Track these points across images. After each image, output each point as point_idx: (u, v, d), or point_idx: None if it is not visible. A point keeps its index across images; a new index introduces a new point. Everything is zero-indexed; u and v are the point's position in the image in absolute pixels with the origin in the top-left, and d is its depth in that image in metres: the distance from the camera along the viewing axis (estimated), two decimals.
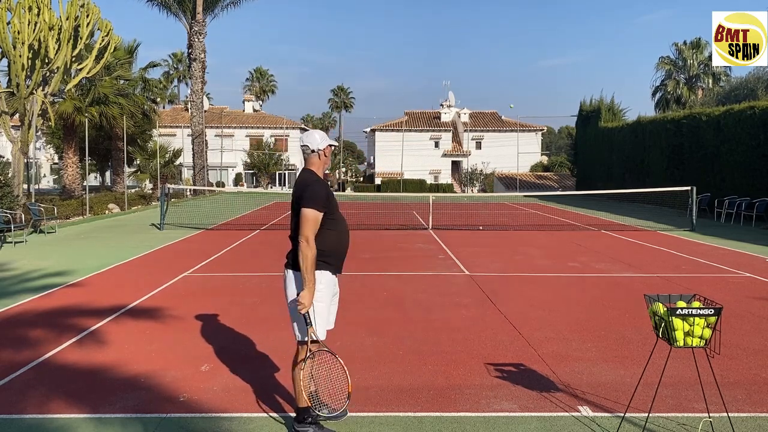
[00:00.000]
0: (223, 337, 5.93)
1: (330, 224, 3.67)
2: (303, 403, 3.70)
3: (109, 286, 8.42)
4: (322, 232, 3.61)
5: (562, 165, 50.92)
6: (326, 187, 3.70)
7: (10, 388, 4.55)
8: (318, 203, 3.55)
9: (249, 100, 58.82)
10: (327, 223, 3.65)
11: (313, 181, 3.65)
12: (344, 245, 3.79)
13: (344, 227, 3.80)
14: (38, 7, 16.42)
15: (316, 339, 3.62)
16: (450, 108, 55.03)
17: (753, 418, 4.01)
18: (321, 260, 3.61)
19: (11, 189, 15.91)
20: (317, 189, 3.59)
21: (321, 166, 3.75)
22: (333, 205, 3.69)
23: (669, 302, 3.50)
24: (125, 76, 28.44)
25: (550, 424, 3.93)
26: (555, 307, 7.19)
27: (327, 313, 3.76)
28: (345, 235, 3.79)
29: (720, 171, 20.80)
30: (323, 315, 3.70)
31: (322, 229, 3.61)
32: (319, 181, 3.67)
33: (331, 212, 3.67)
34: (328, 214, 3.64)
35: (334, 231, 3.69)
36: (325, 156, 3.75)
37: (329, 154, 3.79)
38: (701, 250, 12.09)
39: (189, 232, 15.30)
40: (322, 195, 3.58)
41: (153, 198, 27.35)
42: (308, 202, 3.53)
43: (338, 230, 3.72)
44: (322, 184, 3.66)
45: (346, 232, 3.82)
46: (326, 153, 3.76)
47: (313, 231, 3.53)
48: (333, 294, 3.81)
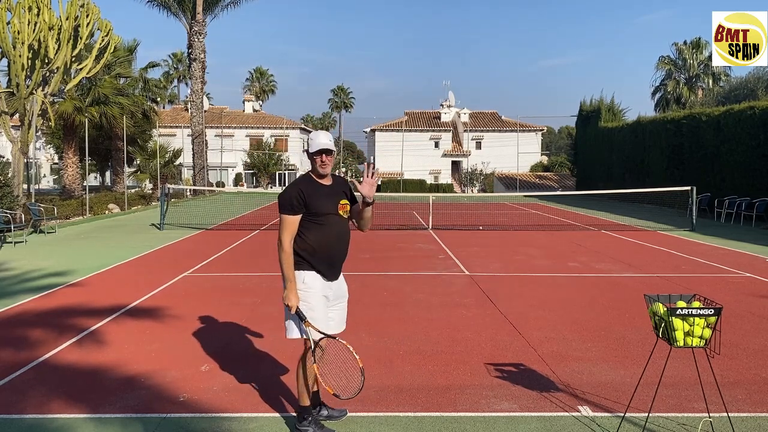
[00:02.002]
0: (223, 337, 5.93)
1: (310, 226, 3.63)
2: (304, 402, 3.72)
3: (109, 286, 8.42)
4: (302, 234, 3.62)
5: (562, 165, 50.89)
6: (299, 189, 3.60)
7: (10, 388, 4.55)
8: (284, 207, 3.59)
9: (249, 100, 58.79)
10: (307, 224, 3.63)
11: (290, 184, 3.72)
12: (329, 248, 3.66)
13: (333, 230, 3.66)
14: (38, 7, 16.42)
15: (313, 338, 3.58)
16: (450, 108, 55.01)
17: (753, 418, 4.00)
18: (302, 260, 3.62)
19: (11, 189, 15.91)
20: (285, 192, 3.63)
21: (317, 168, 3.66)
22: (316, 207, 3.60)
23: (669, 302, 3.50)
24: (125, 75, 28.44)
25: (550, 424, 3.93)
26: (555, 307, 7.19)
27: (318, 314, 3.66)
28: (330, 238, 3.65)
29: (720, 171, 20.80)
30: (311, 315, 3.62)
31: (302, 230, 3.62)
32: (296, 184, 3.66)
33: (314, 214, 3.60)
34: (310, 215, 3.61)
35: (316, 233, 3.62)
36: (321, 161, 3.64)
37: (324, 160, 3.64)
38: (701, 250, 12.09)
39: (189, 232, 15.29)
40: (287, 198, 3.58)
41: (153, 198, 27.34)
42: (279, 206, 3.63)
43: (321, 233, 3.63)
44: (295, 187, 3.63)
45: (335, 235, 3.67)
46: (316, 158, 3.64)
47: (285, 233, 3.58)
48: (326, 297, 3.71)
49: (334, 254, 3.70)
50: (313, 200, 3.60)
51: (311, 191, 3.62)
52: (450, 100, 55.66)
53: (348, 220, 3.80)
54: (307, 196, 3.59)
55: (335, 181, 3.79)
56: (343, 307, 3.88)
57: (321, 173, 3.68)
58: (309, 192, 3.61)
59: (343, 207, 3.73)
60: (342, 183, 3.83)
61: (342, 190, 3.77)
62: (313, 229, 3.63)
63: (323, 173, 3.68)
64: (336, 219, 3.68)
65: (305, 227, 3.63)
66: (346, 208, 3.75)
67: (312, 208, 3.60)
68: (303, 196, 3.59)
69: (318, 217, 3.62)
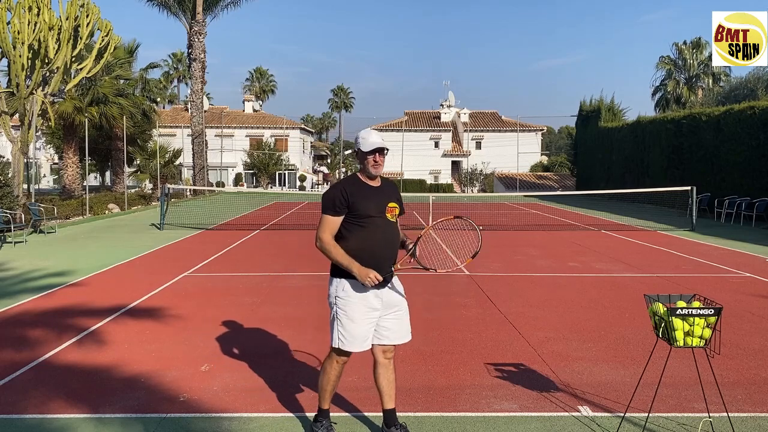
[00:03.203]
0: (223, 337, 5.92)
1: (353, 228, 3.44)
2: (323, 404, 3.68)
3: (109, 286, 8.42)
4: (345, 236, 3.45)
5: (562, 165, 50.91)
6: (342, 189, 3.44)
7: (10, 388, 4.55)
8: (326, 207, 3.44)
9: (249, 100, 58.78)
10: (349, 226, 3.45)
11: (334, 184, 3.58)
12: (373, 253, 3.41)
13: (377, 233, 3.44)
14: (38, 7, 16.42)
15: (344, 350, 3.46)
16: (450, 108, 55.04)
17: (753, 418, 4.00)
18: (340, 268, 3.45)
19: (11, 189, 15.91)
20: (328, 192, 3.48)
21: (368, 168, 3.48)
22: (360, 208, 3.41)
23: (669, 302, 3.50)
24: (125, 75, 28.44)
25: (550, 424, 3.93)
26: (555, 307, 7.19)
27: (358, 328, 3.44)
28: (374, 241, 3.43)
29: (720, 171, 20.80)
30: (350, 329, 3.43)
31: (345, 232, 3.45)
32: (340, 184, 3.50)
33: (357, 215, 3.42)
34: (353, 216, 3.43)
35: (358, 236, 3.43)
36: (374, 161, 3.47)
37: (378, 160, 3.47)
38: (701, 250, 12.09)
39: (189, 232, 15.29)
40: (330, 198, 3.43)
41: (153, 198, 27.34)
42: (322, 206, 3.48)
43: (364, 236, 3.42)
44: (338, 187, 3.47)
45: (380, 238, 3.45)
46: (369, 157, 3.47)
47: (324, 231, 3.44)
48: (372, 308, 3.47)
49: (379, 259, 3.43)
50: (357, 201, 3.42)
51: (356, 192, 3.44)
52: (450, 100, 55.70)
53: (397, 223, 3.59)
54: (350, 196, 3.42)
55: (384, 183, 3.62)
56: (400, 316, 3.59)
57: (372, 174, 3.49)
58: (353, 192, 3.44)
59: (392, 210, 3.54)
60: (391, 185, 3.67)
61: (392, 192, 3.59)
62: (355, 231, 3.44)
63: (375, 174, 3.49)
64: (381, 222, 3.47)
65: (347, 229, 3.45)
66: (395, 212, 3.56)
67: (355, 210, 3.41)
68: (346, 196, 3.41)
69: (361, 218, 3.43)
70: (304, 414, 4.08)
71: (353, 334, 3.44)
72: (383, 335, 3.53)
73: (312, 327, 6.27)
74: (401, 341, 3.59)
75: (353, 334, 3.44)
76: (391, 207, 3.53)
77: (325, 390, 3.62)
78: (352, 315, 3.44)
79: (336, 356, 3.54)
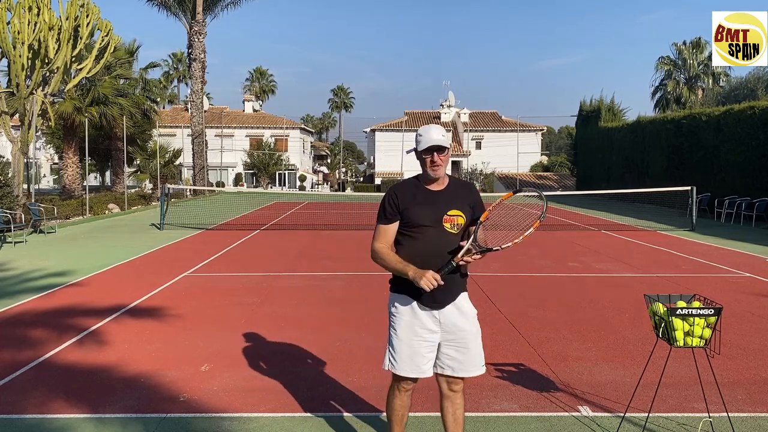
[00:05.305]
0: (223, 337, 5.92)
1: (403, 239, 3.05)
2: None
3: (109, 286, 8.42)
4: (397, 247, 3.08)
5: (562, 165, 50.91)
6: (393, 194, 3.05)
7: (10, 388, 4.55)
8: (378, 214, 3.09)
9: (249, 100, 58.80)
10: (400, 236, 3.06)
11: (390, 188, 3.17)
12: (424, 268, 2.89)
13: (429, 246, 2.98)
14: (38, 7, 16.42)
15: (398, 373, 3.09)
16: (450, 108, 55.03)
17: (753, 418, 4.01)
18: (395, 279, 3.08)
19: (11, 189, 15.91)
20: (383, 201, 3.10)
21: (426, 170, 3.03)
22: (410, 216, 3.00)
23: (669, 302, 3.50)
24: (125, 75, 28.44)
25: (550, 424, 3.93)
26: (555, 307, 7.19)
27: (406, 348, 3.05)
28: (424, 255, 2.97)
29: (720, 171, 20.79)
30: (398, 348, 3.07)
31: (398, 242, 3.08)
32: (394, 188, 3.11)
33: (407, 224, 3.02)
34: (404, 225, 3.03)
35: (407, 247, 3.03)
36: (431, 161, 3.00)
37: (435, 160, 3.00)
38: (701, 250, 12.09)
39: (189, 232, 15.29)
40: (381, 204, 3.08)
41: (153, 198, 27.34)
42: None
43: (413, 248, 3.01)
44: (391, 192, 3.08)
45: (432, 252, 2.97)
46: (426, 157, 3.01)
47: (375, 241, 3.07)
48: (420, 327, 3.04)
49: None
50: (409, 208, 3.00)
51: (408, 197, 3.02)
52: (450, 100, 55.69)
53: (458, 234, 3.03)
54: (401, 202, 3.02)
55: (452, 185, 3.10)
56: (465, 344, 3.06)
57: (431, 176, 3.02)
58: (405, 197, 3.03)
59: (452, 219, 3.00)
60: (462, 188, 3.15)
61: (459, 197, 3.07)
62: (404, 242, 3.04)
63: (434, 176, 3.01)
64: (434, 233, 2.99)
65: (399, 239, 3.07)
66: (457, 221, 3.01)
67: (406, 217, 3.01)
68: (397, 202, 3.02)
69: (411, 228, 3.01)
70: (304, 414, 4.08)
71: (401, 355, 3.06)
72: (445, 364, 3.10)
73: (312, 327, 6.27)
74: (466, 374, 3.11)
75: (401, 355, 3.06)
76: (451, 215, 3.00)
77: (390, 420, 3.26)
78: (400, 333, 3.08)
79: (394, 382, 3.19)
